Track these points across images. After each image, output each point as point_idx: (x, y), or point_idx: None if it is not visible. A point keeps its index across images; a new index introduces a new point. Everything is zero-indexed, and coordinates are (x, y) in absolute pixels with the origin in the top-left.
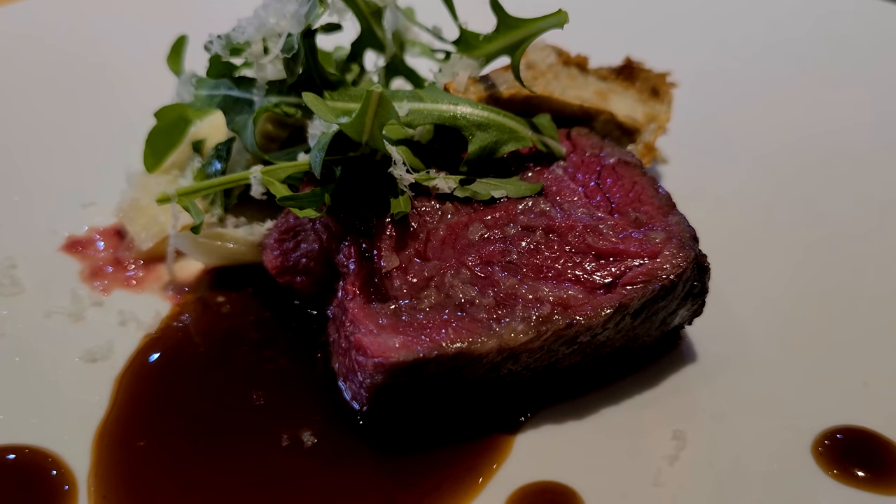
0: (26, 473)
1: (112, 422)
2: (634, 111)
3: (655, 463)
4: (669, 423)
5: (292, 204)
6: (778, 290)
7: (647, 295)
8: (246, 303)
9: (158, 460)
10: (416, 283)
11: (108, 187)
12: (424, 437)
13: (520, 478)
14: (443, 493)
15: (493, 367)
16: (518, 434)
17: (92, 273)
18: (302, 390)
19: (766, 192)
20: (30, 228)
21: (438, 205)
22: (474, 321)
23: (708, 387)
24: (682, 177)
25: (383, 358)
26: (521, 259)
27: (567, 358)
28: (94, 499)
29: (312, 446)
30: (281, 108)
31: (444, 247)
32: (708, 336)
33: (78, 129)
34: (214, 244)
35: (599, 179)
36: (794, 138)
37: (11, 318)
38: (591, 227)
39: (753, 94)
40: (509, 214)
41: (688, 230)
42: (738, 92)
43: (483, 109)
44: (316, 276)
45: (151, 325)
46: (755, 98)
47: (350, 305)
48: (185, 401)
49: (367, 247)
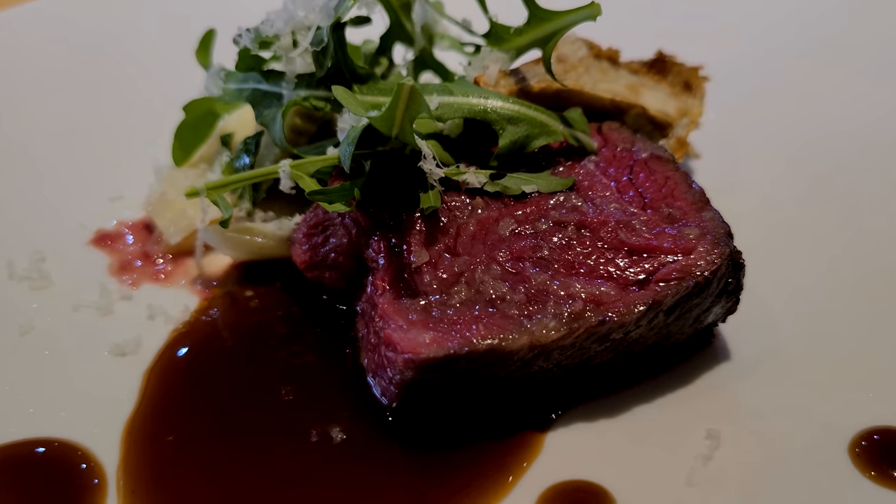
0: (56, 467)
1: (141, 416)
2: (666, 105)
3: (689, 462)
4: (703, 422)
5: (321, 198)
6: (813, 286)
7: (680, 292)
8: (274, 297)
9: (187, 455)
10: (447, 279)
11: (136, 181)
12: (454, 435)
13: (550, 476)
14: (472, 491)
15: (524, 364)
16: (549, 432)
17: (120, 267)
18: (330, 386)
19: (800, 187)
20: (58, 222)
21: (468, 200)
22: (505, 317)
23: (742, 385)
24: (714, 172)
25: (413, 354)
26: (553, 255)
27: (599, 355)
28: (123, 493)
29: (341, 442)
30: (310, 102)
31: (475, 242)
32: (741, 334)
33: (106, 124)
34: (243, 238)
35: (632, 174)
36: (828, 132)
37: (40, 312)
38: (624, 222)
39: (787, 88)
40: (540, 209)
41: (722, 226)
42: (771, 85)
43: (514, 103)
44: (345, 271)
45: (180, 319)
46: (788, 91)
47: (379, 301)
48: (213, 395)
49: (397, 242)
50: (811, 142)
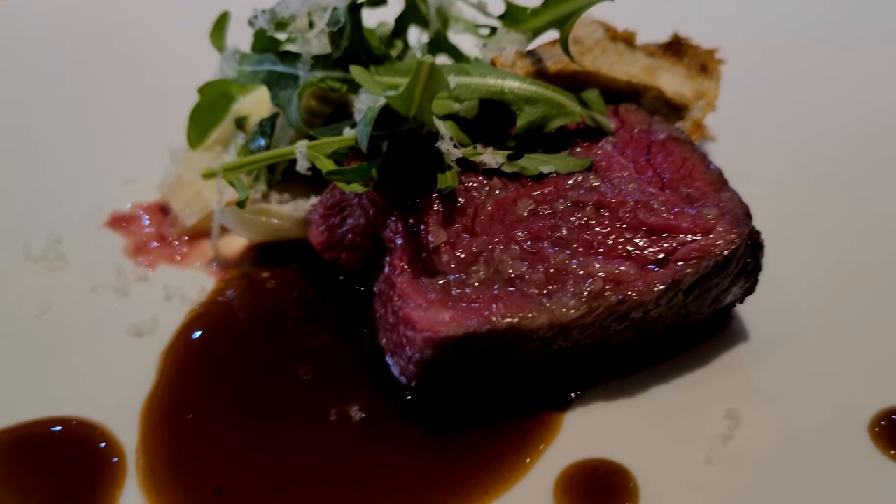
0: (75, 445)
1: (159, 395)
2: (683, 88)
3: (708, 442)
4: (722, 402)
5: (339, 178)
6: (830, 268)
7: (700, 271)
8: (291, 279)
9: (206, 434)
10: (465, 259)
11: (151, 164)
12: (473, 414)
13: (570, 455)
14: (492, 470)
15: (543, 343)
16: (567, 412)
17: (136, 248)
18: (348, 366)
19: (816, 170)
20: (74, 205)
21: (486, 180)
22: (525, 296)
23: (760, 366)
24: (730, 155)
25: (433, 332)
26: (572, 234)
27: (618, 335)
28: (143, 471)
29: (360, 421)
30: (326, 83)
31: (493, 222)
32: (759, 315)
33: (120, 107)
34: (259, 220)
35: (649, 155)
36: (845, 115)
37: (57, 293)
38: (643, 202)
39: (804, 71)
40: (558, 190)
41: (741, 206)
42: (787, 69)
43: (531, 84)
44: (362, 252)
45: (196, 300)
46: (805, 75)
47: (398, 280)
48: (231, 375)
49: (415, 222)
50: (828, 125)
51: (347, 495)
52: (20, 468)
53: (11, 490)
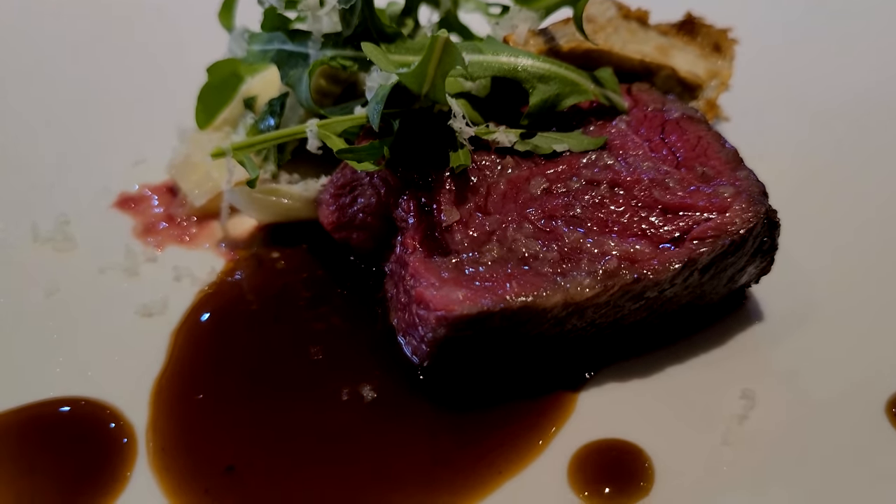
0: (85, 425)
1: (169, 375)
2: (696, 67)
3: (724, 422)
4: (738, 383)
5: (350, 157)
6: (846, 248)
7: (716, 250)
8: (301, 259)
9: (217, 413)
10: (478, 238)
11: (159, 145)
12: (486, 394)
13: (584, 435)
14: (505, 449)
15: (557, 323)
16: (581, 392)
17: (145, 229)
18: (360, 346)
19: (830, 149)
20: (81, 186)
21: (498, 159)
22: (539, 275)
23: (776, 346)
24: (744, 134)
25: (446, 311)
26: (586, 213)
27: (632, 314)
28: (153, 451)
29: (372, 401)
30: (337, 61)
31: (506, 201)
32: (774, 295)
33: (128, 88)
34: (269, 199)
35: (664, 134)
36: (859, 93)
37: (66, 274)
38: (658, 181)
39: (818, 50)
40: (572, 168)
41: (757, 185)
42: (801, 47)
43: (544, 61)
44: (373, 232)
45: (206, 280)
46: (819, 54)
47: (410, 259)
48: (242, 355)
49: (427, 201)
50: (842, 103)
51: (359, 475)
52: (31, 448)
53: (23, 470)
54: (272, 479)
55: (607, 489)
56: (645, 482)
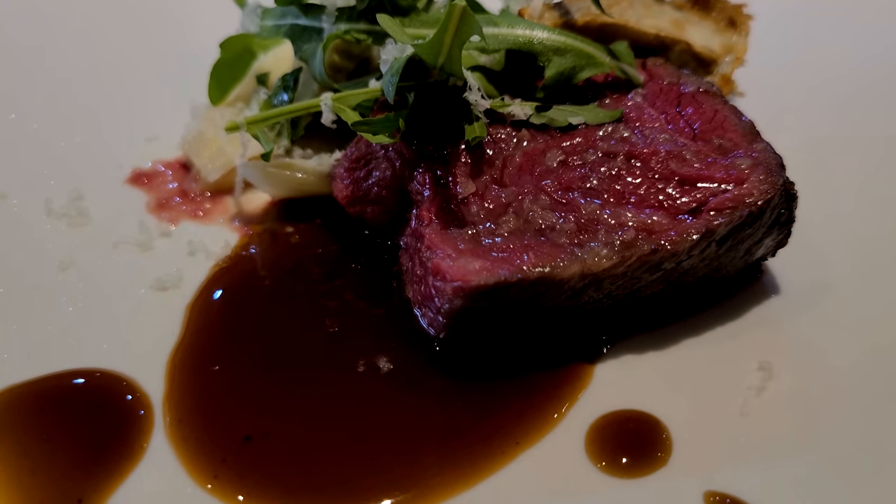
0: (101, 397)
1: (185, 348)
2: (711, 42)
3: (741, 394)
4: (754, 355)
5: (365, 129)
6: (861, 223)
7: (734, 222)
8: (315, 234)
9: (233, 384)
10: (494, 209)
11: (171, 121)
12: (502, 366)
13: (601, 406)
14: (523, 420)
15: (574, 294)
16: (598, 364)
17: (158, 205)
18: (375, 319)
19: (846, 123)
20: (94, 162)
21: (514, 132)
22: (556, 246)
23: (792, 319)
24: (759, 109)
25: (463, 282)
26: (602, 185)
27: (649, 286)
28: (170, 421)
29: (388, 373)
30: (351, 35)
31: (522, 173)
32: (790, 269)
33: (140, 63)
34: (283, 174)
35: (680, 107)
36: (874, 67)
37: (80, 249)
38: (675, 153)
39: (832, 24)
40: (588, 141)
41: (775, 157)
42: (815, 22)
43: (560, 34)
44: (387, 205)
45: (221, 254)
46: (834, 27)
47: (426, 231)
48: (258, 328)
49: (442, 173)
50: (858, 79)
51: (376, 444)
52: (47, 419)
53: (39, 440)
54: (289, 448)
55: (625, 459)
56: (662, 453)
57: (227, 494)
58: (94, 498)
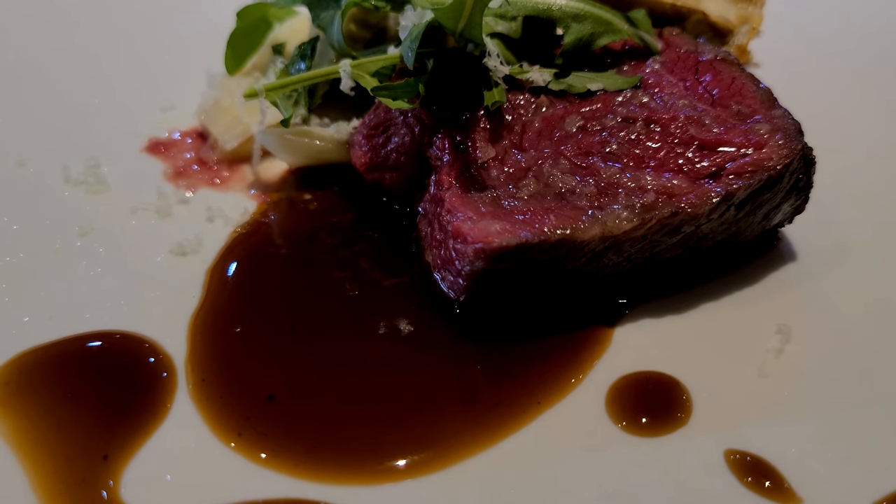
0: (123, 359)
1: (206, 311)
2: (727, 12)
3: (760, 356)
4: (773, 318)
5: (385, 94)
6: (877, 191)
7: (753, 185)
8: (333, 201)
9: (255, 344)
10: (514, 173)
11: (188, 91)
12: (522, 329)
13: (621, 368)
14: (544, 380)
15: (594, 257)
16: (617, 327)
17: (176, 173)
18: (395, 283)
19: (859, 93)
20: (112, 130)
21: (533, 98)
22: (576, 209)
23: (809, 283)
24: (775, 79)
25: (484, 243)
26: (622, 149)
27: (668, 250)
28: (193, 381)
29: (409, 335)
30: (369, 2)
31: (541, 138)
32: (806, 235)
33: (156, 33)
34: (301, 141)
35: (698, 74)
36: (886, 37)
37: (99, 215)
38: (694, 118)
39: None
40: (607, 106)
41: (793, 123)
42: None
43: (578, 1)
44: (406, 172)
45: (239, 221)
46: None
47: (446, 195)
48: (278, 292)
49: (462, 139)
50: (872, 48)
51: (398, 403)
52: (70, 378)
53: (62, 398)
54: (312, 406)
55: (644, 419)
56: (683, 413)
57: (250, 451)
58: (120, 454)
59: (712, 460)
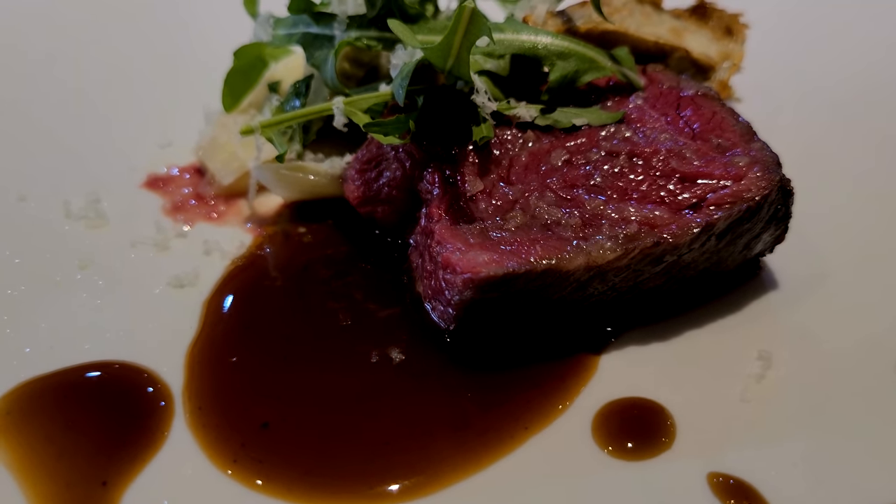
0: (121, 389)
1: (203, 341)
2: (709, 49)
3: (742, 381)
4: (754, 345)
5: (377, 130)
6: (855, 222)
7: (733, 216)
8: (327, 233)
9: (251, 375)
10: (502, 206)
11: (185, 129)
12: (511, 357)
13: (607, 394)
14: (532, 407)
15: (579, 286)
16: (603, 354)
17: (174, 207)
18: (387, 313)
19: (840, 129)
20: (111, 167)
21: (520, 133)
22: (562, 239)
23: (790, 311)
24: (756, 114)
25: (472, 273)
26: (606, 182)
27: (652, 279)
28: (190, 409)
29: (400, 363)
30: (362, 42)
31: (528, 172)
32: (788, 265)
33: (155, 71)
34: (296, 176)
35: (679, 109)
36: (869, 76)
37: (98, 248)
38: (675, 151)
39: (826, 33)
40: (591, 141)
41: (771, 155)
42: (810, 30)
43: (563, 39)
44: (397, 205)
45: (236, 253)
46: (828, 36)
47: (436, 227)
48: (273, 322)
49: (451, 172)
50: (852, 85)
51: (389, 430)
52: (70, 408)
53: (62, 427)
54: (306, 434)
55: (630, 444)
56: (667, 438)
57: (246, 477)
58: (119, 481)
59: (696, 483)
